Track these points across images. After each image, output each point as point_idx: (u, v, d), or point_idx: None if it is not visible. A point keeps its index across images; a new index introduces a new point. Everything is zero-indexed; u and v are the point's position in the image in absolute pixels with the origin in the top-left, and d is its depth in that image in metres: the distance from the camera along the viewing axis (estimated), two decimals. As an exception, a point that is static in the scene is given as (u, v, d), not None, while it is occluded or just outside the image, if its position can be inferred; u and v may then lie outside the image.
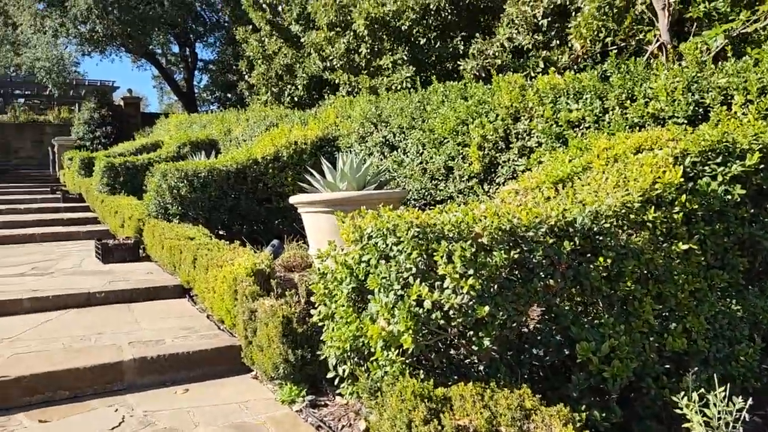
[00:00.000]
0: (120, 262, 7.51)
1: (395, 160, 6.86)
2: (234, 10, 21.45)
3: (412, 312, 2.77)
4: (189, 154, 11.73)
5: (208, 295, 5.14)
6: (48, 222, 11.37)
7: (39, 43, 20.87)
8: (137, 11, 21.27)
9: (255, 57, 14.96)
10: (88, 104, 22.97)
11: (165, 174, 7.74)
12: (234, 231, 7.87)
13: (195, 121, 15.10)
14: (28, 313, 5.40)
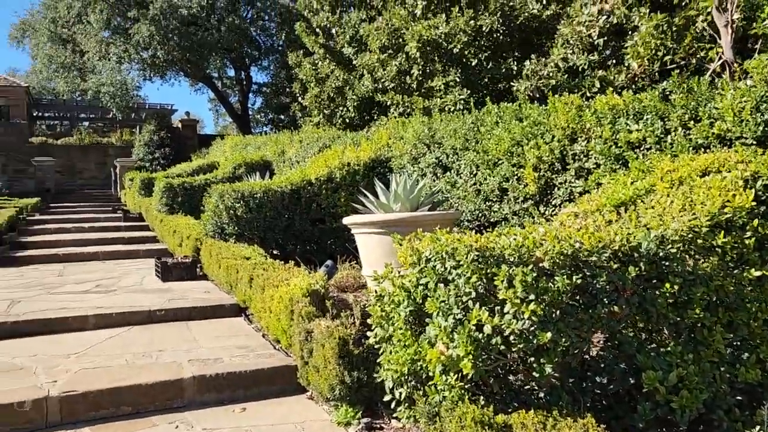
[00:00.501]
0: (178, 280, 7.71)
1: (448, 181, 6.85)
2: (288, 34, 22.03)
3: (472, 337, 2.74)
4: (244, 175, 12.01)
5: (264, 315, 5.21)
6: (110, 240, 11.80)
7: (104, 69, 21.89)
8: (196, 37, 22.06)
9: (308, 80, 15.27)
10: (148, 127, 23.88)
11: (222, 195, 7.94)
12: (288, 251, 7.98)
13: (250, 142, 15.47)
14: (93, 329, 5.59)
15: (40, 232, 12.82)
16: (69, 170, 25.13)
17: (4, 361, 4.59)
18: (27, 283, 7.78)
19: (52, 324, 5.57)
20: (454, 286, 2.93)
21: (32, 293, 6.94)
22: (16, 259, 9.96)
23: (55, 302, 6.35)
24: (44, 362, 4.53)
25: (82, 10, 21.78)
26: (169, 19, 20.94)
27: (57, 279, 8.11)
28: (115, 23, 21.73)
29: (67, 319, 5.63)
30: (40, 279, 8.10)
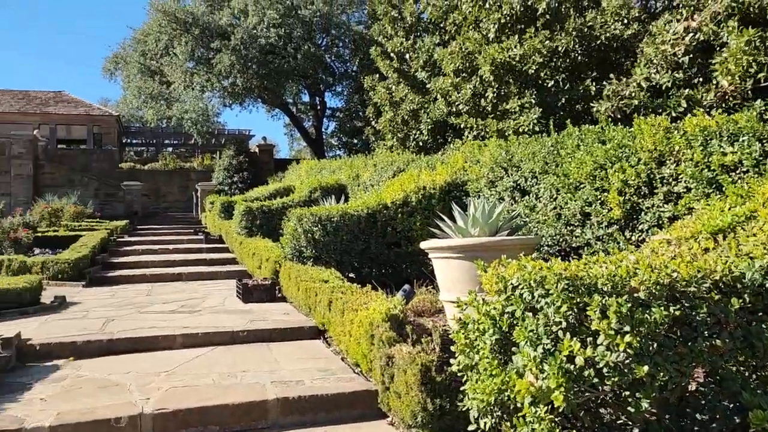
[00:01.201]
0: (258, 302, 7.91)
1: (527, 205, 6.74)
2: (362, 60, 22.50)
3: (564, 368, 2.66)
4: (320, 198, 12.25)
5: (344, 338, 5.26)
6: (193, 262, 12.27)
7: (188, 98, 23.02)
8: (273, 65, 22.88)
9: (382, 103, 15.48)
10: (227, 152, 24.83)
11: (300, 218, 8.12)
12: (363, 274, 8.04)
13: (324, 166, 15.79)
14: (180, 348, 5.81)
15: (129, 253, 13.50)
16: (154, 194, 26.41)
17: (101, 377, 4.83)
18: (119, 302, 8.18)
19: (143, 342, 5.82)
20: (542, 315, 2.86)
21: (124, 312, 7.29)
22: (108, 279, 10.52)
23: (145, 321, 6.65)
24: (137, 379, 4.74)
25: (169, 43, 23.06)
26: (249, 48, 21.82)
27: (145, 299, 8.49)
28: (199, 54, 22.86)
29: (156, 338, 5.88)
30: (130, 298, 8.51)
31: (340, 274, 7.08)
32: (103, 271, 11.21)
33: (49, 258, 10.51)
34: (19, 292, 7.57)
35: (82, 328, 6.31)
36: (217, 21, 22.60)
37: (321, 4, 23.52)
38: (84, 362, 5.34)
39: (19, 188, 22.91)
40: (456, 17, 11.96)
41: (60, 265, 10.23)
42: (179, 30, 22.66)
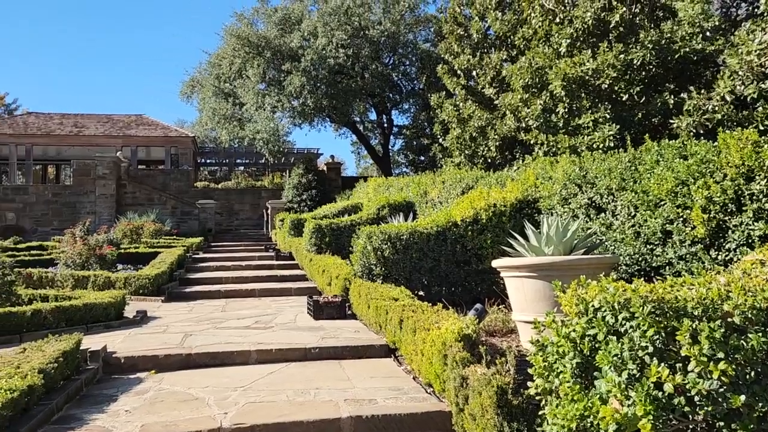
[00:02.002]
0: (329, 318, 8.00)
1: (603, 223, 6.54)
2: (428, 78, 22.60)
3: (651, 395, 2.55)
4: (388, 216, 12.31)
5: (416, 358, 5.23)
6: (264, 278, 12.55)
7: (259, 118, 23.73)
8: (341, 85, 23.31)
9: (449, 120, 15.47)
10: (296, 170, 25.41)
11: (370, 236, 8.17)
12: (433, 292, 8.00)
13: (392, 184, 15.87)
14: (255, 363, 5.94)
15: (204, 269, 13.95)
16: (227, 211, 27.31)
17: (181, 390, 5.00)
18: (196, 317, 8.46)
19: (220, 357, 5.99)
20: (627, 339, 2.76)
21: (201, 327, 7.53)
22: (185, 295, 10.91)
23: (221, 336, 6.84)
24: (215, 394, 4.86)
25: (242, 66, 23.91)
26: (318, 69, 22.34)
27: (221, 314, 8.74)
28: (270, 76, 23.57)
29: (232, 354, 6.03)
30: (206, 314, 8.78)
31: (409, 293, 7.06)
32: (180, 287, 11.63)
33: (131, 274, 11.01)
34: (105, 307, 7.96)
35: (163, 342, 6.55)
36: (288, 43, 23.27)
37: (388, 24, 23.83)
38: (165, 375, 5.54)
39: (103, 207, 24.21)
40: (525, 32, 11.86)
41: (141, 280, 10.69)
42: (252, 53, 23.46)
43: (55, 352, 4.84)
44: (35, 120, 31.38)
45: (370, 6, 24.73)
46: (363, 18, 24.02)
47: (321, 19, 23.40)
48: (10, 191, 24.72)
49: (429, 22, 24.62)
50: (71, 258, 12.19)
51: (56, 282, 10.88)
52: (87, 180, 24.54)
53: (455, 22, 15.84)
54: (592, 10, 9.73)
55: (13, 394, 3.74)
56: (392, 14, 24.30)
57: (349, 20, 23.57)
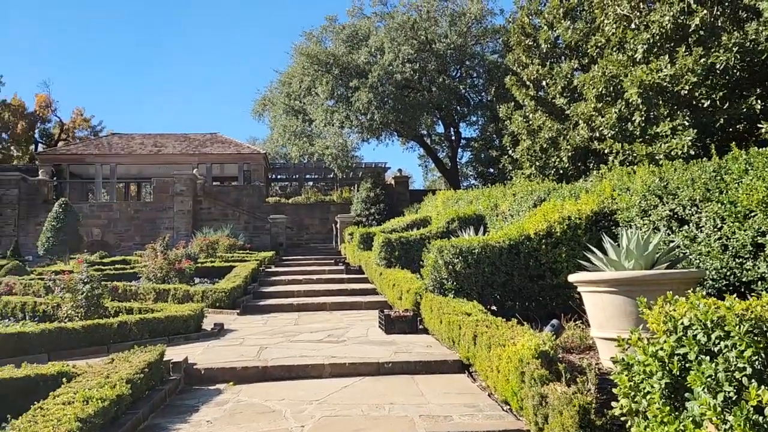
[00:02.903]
0: (400, 333, 7.98)
1: (686, 236, 6.24)
2: (497, 89, 22.39)
3: (751, 420, 2.40)
4: (457, 229, 12.22)
5: (491, 374, 5.13)
6: (335, 292, 12.69)
7: (328, 134, 24.18)
8: (408, 99, 23.44)
9: (519, 132, 15.26)
10: (364, 184, 25.68)
11: (441, 250, 8.12)
12: (506, 307, 7.85)
13: (461, 197, 15.76)
14: (329, 377, 5.99)
15: (276, 282, 14.26)
16: (297, 226, 27.86)
17: (259, 402, 5.10)
18: (270, 330, 8.64)
19: (295, 370, 6.08)
20: (722, 359, 2.61)
21: (275, 340, 7.68)
22: (259, 308, 11.16)
23: (295, 350, 6.95)
24: (291, 406, 4.93)
25: (311, 84, 24.46)
26: (385, 85, 22.57)
27: (294, 327, 8.88)
28: (339, 93, 24.00)
29: (307, 367, 6.11)
30: (280, 327, 8.95)
31: (482, 307, 6.96)
32: (254, 300, 11.92)
33: (208, 287, 11.38)
34: (185, 320, 8.26)
35: (240, 354, 6.72)
36: (356, 60, 23.64)
37: (455, 36, 23.83)
38: (243, 387, 5.67)
39: (180, 222, 25.22)
40: (597, 40, 11.57)
41: (217, 294, 11.03)
42: (320, 71, 23.98)
43: (141, 363, 5.05)
44: (119, 141, 33.16)
45: (437, 20, 24.80)
46: (429, 32, 24.12)
47: (387, 34, 23.67)
48: (96, 208, 26.16)
49: (496, 34, 24.44)
50: (152, 272, 12.73)
51: (139, 295, 11.38)
52: (166, 197, 25.66)
53: (523, 33, 15.64)
54: (670, 14, 9.38)
55: (104, 404, 3.91)
56: (459, 27, 24.28)
57: (415, 35, 23.72)
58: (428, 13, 24.42)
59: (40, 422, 3.48)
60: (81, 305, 8.59)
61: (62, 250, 19.57)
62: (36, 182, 26.30)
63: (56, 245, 19.51)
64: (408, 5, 25.10)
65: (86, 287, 8.64)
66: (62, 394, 4.09)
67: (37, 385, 4.60)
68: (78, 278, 8.79)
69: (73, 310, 8.59)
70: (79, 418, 3.55)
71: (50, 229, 19.62)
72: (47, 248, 19.60)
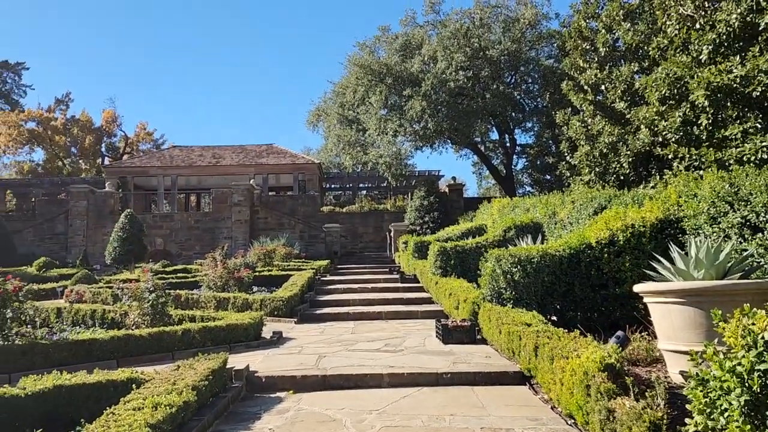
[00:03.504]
0: (458, 343, 7.90)
1: (761, 244, 5.95)
2: (552, 95, 22.04)
3: None
4: (514, 238, 12.03)
5: (554, 387, 5.01)
6: (390, 301, 12.68)
7: (382, 143, 24.31)
8: (462, 107, 23.34)
9: (577, 138, 14.94)
10: (418, 193, 25.65)
11: (499, 259, 8.01)
12: (567, 318, 7.66)
13: (517, 204, 15.53)
14: (387, 387, 5.98)
15: (332, 291, 14.37)
16: (351, 234, 28.05)
17: (319, 411, 5.13)
18: (327, 339, 8.70)
19: (354, 380, 6.10)
20: (810, 376, 2.46)
21: (333, 349, 7.72)
22: (316, 316, 11.27)
23: (353, 359, 6.97)
24: (351, 416, 4.94)
25: (365, 94, 24.69)
26: (438, 92, 22.54)
27: (351, 336, 8.92)
28: (392, 102, 24.13)
29: (365, 376, 6.12)
30: (337, 336, 9.01)
31: (542, 318, 6.82)
32: (311, 309, 12.04)
33: (266, 296, 11.57)
34: (245, 328, 8.41)
35: (299, 363, 6.79)
36: (409, 69, 23.72)
37: (509, 42, 23.61)
38: (303, 395, 5.72)
39: (238, 232, 25.82)
40: (660, 41, 11.21)
41: (275, 302, 11.20)
42: (374, 80, 24.16)
43: (206, 370, 5.16)
44: (179, 153, 34.26)
45: (490, 26, 24.65)
46: (482, 39, 23.98)
47: (441, 43, 23.66)
48: (158, 218, 27.08)
49: (551, 38, 24.08)
50: (213, 281, 13.04)
51: (200, 303, 11.68)
52: (224, 207, 26.33)
53: (580, 36, 15.34)
54: (737, 13, 9.01)
55: (171, 410, 4.01)
56: (512, 33, 24.04)
57: (468, 42, 23.62)
58: (481, 20, 24.30)
59: (113, 427, 3.60)
60: (147, 313, 8.88)
61: (128, 260, 20.32)
62: (103, 194, 27.44)
63: (122, 255, 20.27)
64: (461, 13, 25.07)
65: (152, 296, 8.93)
66: (132, 399, 4.22)
67: (108, 390, 4.77)
68: (144, 287, 9.10)
69: (140, 317, 8.89)
70: (149, 423, 3.65)
71: (117, 239, 20.40)
72: (114, 257, 20.38)
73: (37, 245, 26.74)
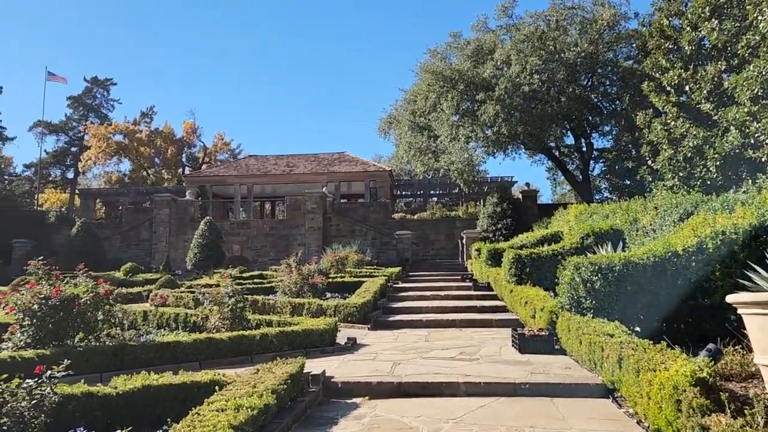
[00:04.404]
0: (535, 353, 7.70)
1: None
2: (632, 96, 21.25)
3: None
4: (593, 245, 11.63)
5: (640, 401, 4.79)
6: (464, 309, 12.53)
7: (454, 149, 24.14)
8: (536, 111, 22.86)
9: (659, 141, 14.32)
10: (490, 199, 25.28)
11: (578, 267, 7.76)
12: (652, 329, 7.31)
13: (596, 210, 15.04)
14: (463, 396, 5.89)
15: (404, 298, 14.35)
16: (422, 241, 27.98)
17: (395, 418, 5.11)
18: (401, 346, 8.68)
19: (429, 387, 6.05)
20: None
21: (408, 356, 7.69)
22: (389, 323, 11.28)
23: (427, 366, 6.91)
24: (427, 425, 4.90)
25: (437, 100, 24.60)
26: (512, 97, 22.19)
27: (425, 344, 8.86)
28: (464, 107, 23.95)
29: (441, 385, 6.06)
30: (411, 343, 8.97)
31: (625, 328, 6.54)
32: (383, 315, 12.07)
33: (340, 302, 11.69)
34: (320, 333, 8.52)
35: (374, 369, 6.80)
36: (481, 74, 23.48)
37: (585, 44, 22.95)
38: (378, 402, 5.72)
39: (311, 239, 26.29)
40: (750, 38, 10.60)
41: (349, 309, 11.29)
42: (446, 87, 24.05)
43: (284, 374, 5.25)
44: (255, 162, 35.31)
45: (566, 28, 24.06)
46: (558, 41, 23.45)
47: (514, 47, 23.31)
48: (235, 226, 27.96)
49: (631, 38, 23.21)
50: (288, 286, 13.31)
51: (276, 308, 11.93)
52: (298, 214, 26.89)
53: (662, 36, 14.72)
54: (838, 5, 8.41)
55: (253, 412, 4.10)
56: (590, 34, 23.37)
57: (543, 45, 23.16)
58: (557, 22, 23.75)
59: (198, 427, 3.71)
60: (227, 317, 9.15)
61: (207, 265, 21.07)
62: (184, 202, 28.62)
63: (202, 260, 21.04)
64: (535, 16, 24.58)
65: (231, 300, 9.20)
66: (215, 401, 4.34)
67: (192, 391, 4.93)
68: (224, 292, 9.39)
69: (220, 321, 9.17)
70: (232, 425, 3.74)
71: (197, 245, 21.19)
72: (194, 263, 21.19)
73: (124, 251, 28.18)
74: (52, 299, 7.34)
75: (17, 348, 7.15)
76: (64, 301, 7.41)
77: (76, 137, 51.19)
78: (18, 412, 3.89)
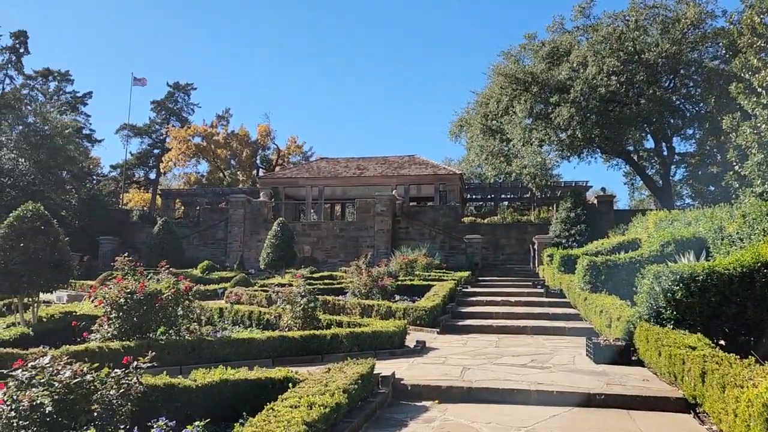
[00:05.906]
0: (610, 363, 7.45)
1: None
2: (717, 98, 20.21)
3: None
4: (674, 253, 11.10)
5: (725, 417, 4.55)
6: (534, 315, 12.27)
7: (526, 153, 23.72)
8: (613, 113, 22.13)
9: (747, 145, 13.56)
10: (564, 204, 24.66)
11: (658, 276, 7.46)
12: (738, 343, 6.95)
13: (677, 217, 14.38)
14: (535, 404, 5.78)
15: (474, 303, 14.21)
16: (493, 246, 27.58)
17: (465, 423, 5.08)
18: (471, 351, 8.60)
19: (499, 394, 5.97)
20: None
21: (478, 361, 7.61)
22: (458, 328, 11.19)
23: (498, 373, 6.82)
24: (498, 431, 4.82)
25: (509, 103, 24.21)
26: (588, 99, 21.58)
27: (495, 350, 8.75)
28: (537, 110, 23.46)
29: (512, 391, 5.96)
30: (480, 348, 8.87)
31: (708, 341, 6.25)
32: (452, 320, 11.98)
33: (409, 305, 11.70)
34: (390, 335, 8.56)
35: (444, 373, 6.77)
36: (556, 76, 22.96)
37: (667, 44, 21.99)
38: (448, 406, 5.69)
39: (380, 241, 26.46)
40: None
41: (418, 312, 11.28)
42: (519, 89, 23.65)
43: (355, 374, 5.31)
44: (326, 164, 35.89)
45: (646, 28, 23.17)
46: (638, 42, 22.60)
47: (591, 48, 22.65)
48: (307, 227, 28.51)
49: (717, 37, 22.06)
50: (357, 288, 13.45)
51: (346, 309, 12.07)
52: (367, 216, 27.12)
53: (754, 33, 13.92)
54: None
55: (325, 410, 4.17)
56: (672, 33, 22.37)
57: (621, 46, 22.40)
58: (636, 22, 22.89)
59: (273, 422, 3.81)
60: (299, 316, 9.35)
61: (279, 265, 21.58)
62: (258, 203, 29.45)
63: (275, 260, 21.57)
64: (613, 16, 23.81)
65: (303, 300, 9.39)
66: (289, 397, 4.44)
67: (267, 387, 5.07)
68: (296, 291, 9.59)
69: (292, 320, 9.37)
70: (306, 421, 3.81)
71: (270, 245, 21.74)
72: (267, 263, 21.74)
73: (201, 249, 29.29)
74: (137, 294, 7.73)
75: (104, 339, 7.57)
76: (148, 296, 7.79)
77: (158, 140, 53.80)
78: (107, 400, 4.11)
